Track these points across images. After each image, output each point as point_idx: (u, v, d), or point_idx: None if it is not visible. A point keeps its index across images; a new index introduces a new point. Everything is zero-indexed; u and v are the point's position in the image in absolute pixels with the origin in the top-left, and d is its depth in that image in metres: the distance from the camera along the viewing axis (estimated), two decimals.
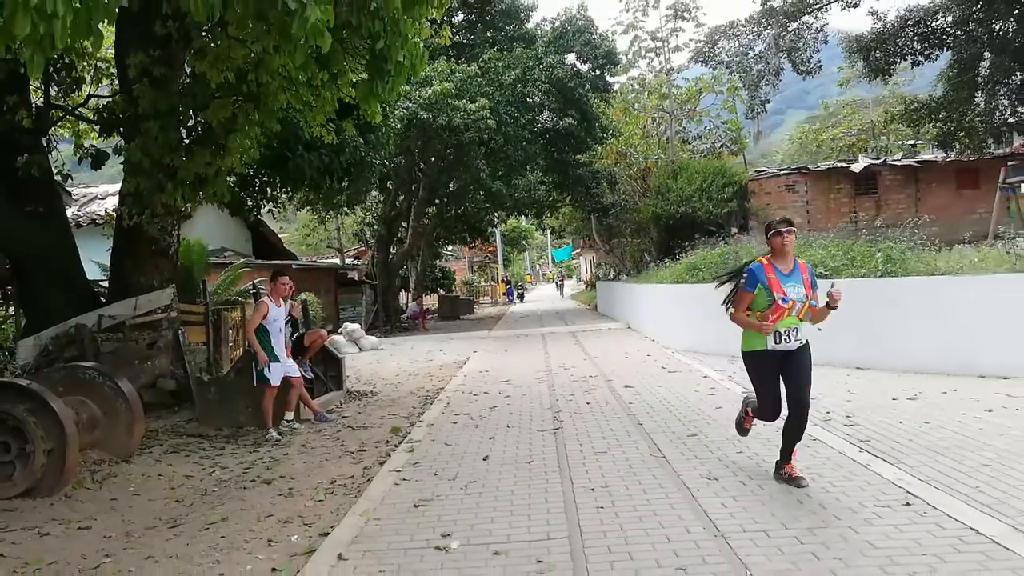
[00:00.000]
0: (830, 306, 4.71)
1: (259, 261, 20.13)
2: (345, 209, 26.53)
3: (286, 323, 8.72)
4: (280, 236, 34.02)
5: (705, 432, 6.38)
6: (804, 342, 4.81)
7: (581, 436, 6.57)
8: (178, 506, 5.42)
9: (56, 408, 5.62)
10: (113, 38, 8.22)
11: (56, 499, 5.48)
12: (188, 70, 7.98)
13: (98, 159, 8.00)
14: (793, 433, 4.78)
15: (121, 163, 7.84)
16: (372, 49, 6.03)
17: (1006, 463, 4.93)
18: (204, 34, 6.89)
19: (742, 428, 5.52)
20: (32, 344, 7.96)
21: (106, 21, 4.25)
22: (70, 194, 16.14)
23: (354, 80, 6.81)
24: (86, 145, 8.88)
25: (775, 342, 4.73)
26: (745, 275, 4.86)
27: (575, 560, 3.76)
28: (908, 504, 4.26)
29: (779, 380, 4.82)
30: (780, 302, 4.66)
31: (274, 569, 4.02)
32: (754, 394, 5.17)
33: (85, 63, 8.90)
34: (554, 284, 59.54)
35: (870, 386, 8.17)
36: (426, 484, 5.38)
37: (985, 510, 4.08)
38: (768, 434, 5.87)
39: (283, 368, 7.76)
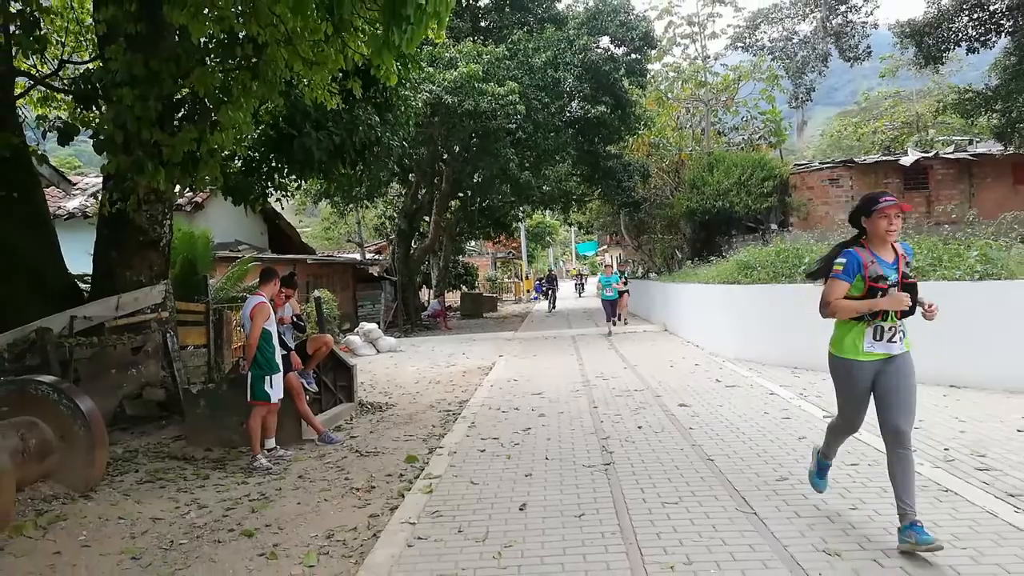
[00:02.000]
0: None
1: (273, 255, 19.07)
2: (365, 202, 25.55)
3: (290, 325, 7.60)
4: (302, 230, 33.11)
5: (797, 475, 5.08)
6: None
7: (640, 476, 5.29)
8: (133, 566, 4.25)
9: None
10: None
11: None
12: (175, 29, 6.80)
13: (66, 133, 6.89)
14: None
15: (91, 137, 6.67)
16: None
17: None
18: None
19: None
20: None
21: None
22: (71, 182, 15.14)
23: (364, 35, 5.58)
24: (51, 117, 7.76)
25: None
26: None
27: None
28: None
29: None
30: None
31: None
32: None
33: (51, 18, 7.81)
34: (575, 283, 48.74)
35: (978, 411, 6.82)
36: (447, 546, 4.15)
37: None
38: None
39: (280, 383, 6.58)
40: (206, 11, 5.40)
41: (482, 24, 22.51)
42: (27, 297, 7.66)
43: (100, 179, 19.20)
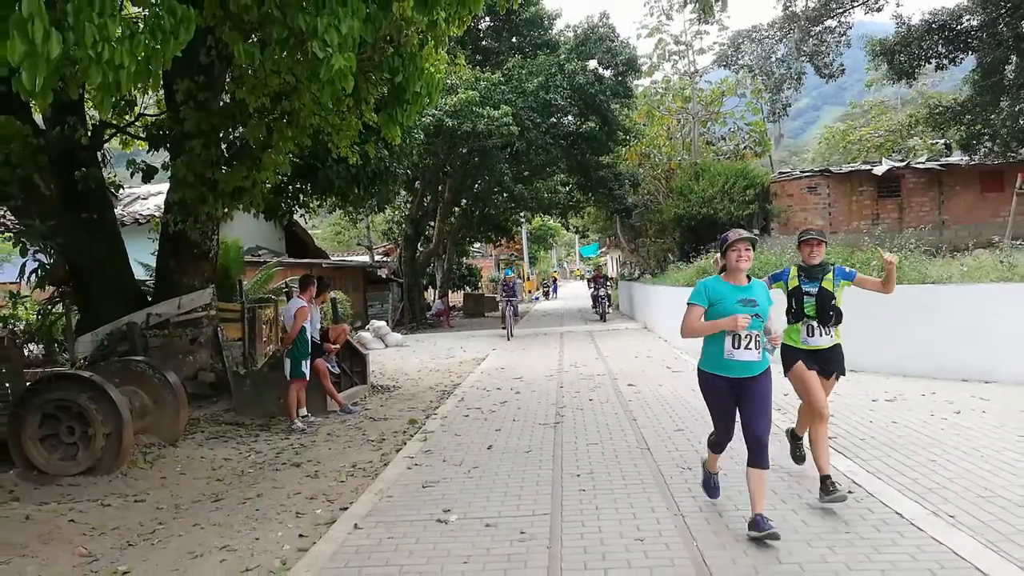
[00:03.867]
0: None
1: (291, 260, 21.07)
2: (375, 208, 27.64)
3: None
4: (312, 232, 35.17)
5: (691, 428, 7.00)
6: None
7: (578, 429, 7.23)
8: (219, 484, 6.21)
9: (114, 397, 6.44)
10: None
11: (114, 476, 6.30)
12: (228, 93, 8.77)
13: (148, 173, 8.88)
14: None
15: (169, 177, 8.66)
16: (392, 81, 6.75)
17: (949, 459, 5.50)
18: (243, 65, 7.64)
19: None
20: (90, 340, 8.83)
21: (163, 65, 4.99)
22: (117, 196, 17.19)
23: (376, 107, 7.54)
24: (133, 155, 9.74)
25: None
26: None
27: (552, 532, 4.44)
28: (849, 492, 4.86)
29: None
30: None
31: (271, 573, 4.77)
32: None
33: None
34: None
35: (856, 388, 8.70)
36: (435, 469, 6.09)
37: (913, 497, 4.68)
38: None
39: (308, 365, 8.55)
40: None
41: (482, 43, 24.49)
42: (109, 298, 9.64)
43: (132, 190, 21.39)
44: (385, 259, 34.60)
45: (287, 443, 7.61)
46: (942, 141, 31.97)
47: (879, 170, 24.98)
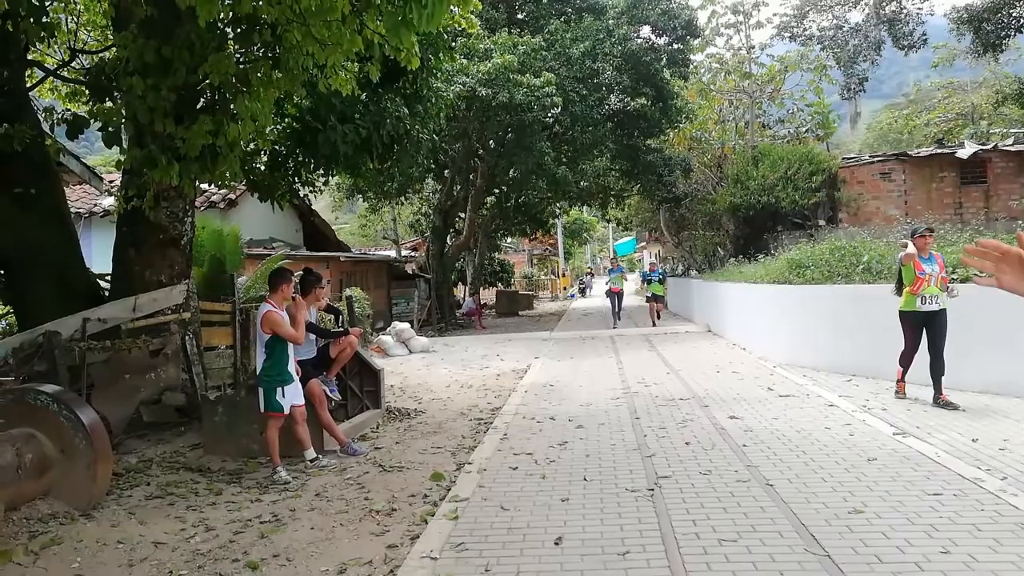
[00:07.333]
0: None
1: (306, 253, 18.82)
2: (401, 199, 25.18)
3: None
4: (338, 228, 32.92)
5: (873, 507, 4.45)
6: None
7: (690, 503, 4.72)
8: None
9: None
10: None
11: None
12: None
13: (75, 126, 6.57)
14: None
15: (99, 130, 6.31)
16: None
17: None
18: None
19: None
20: None
21: None
22: (102, 179, 14.99)
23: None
24: (59, 110, 7.39)
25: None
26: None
27: None
28: None
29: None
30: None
31: None
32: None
33: (62, 4, 7.42)
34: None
35: None
36: None
37: None
38: (994, 532, 3.96)
39: (296, 391, 6.17)
40: None
41: (519, 16, 21.96)
42: (52, 297, 7.36)
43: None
44: (413, 254, 32.30)
45: (256, 510, 5.21)
46: (1021, 131, 28.82)
47: (963, 153, 22.22)
